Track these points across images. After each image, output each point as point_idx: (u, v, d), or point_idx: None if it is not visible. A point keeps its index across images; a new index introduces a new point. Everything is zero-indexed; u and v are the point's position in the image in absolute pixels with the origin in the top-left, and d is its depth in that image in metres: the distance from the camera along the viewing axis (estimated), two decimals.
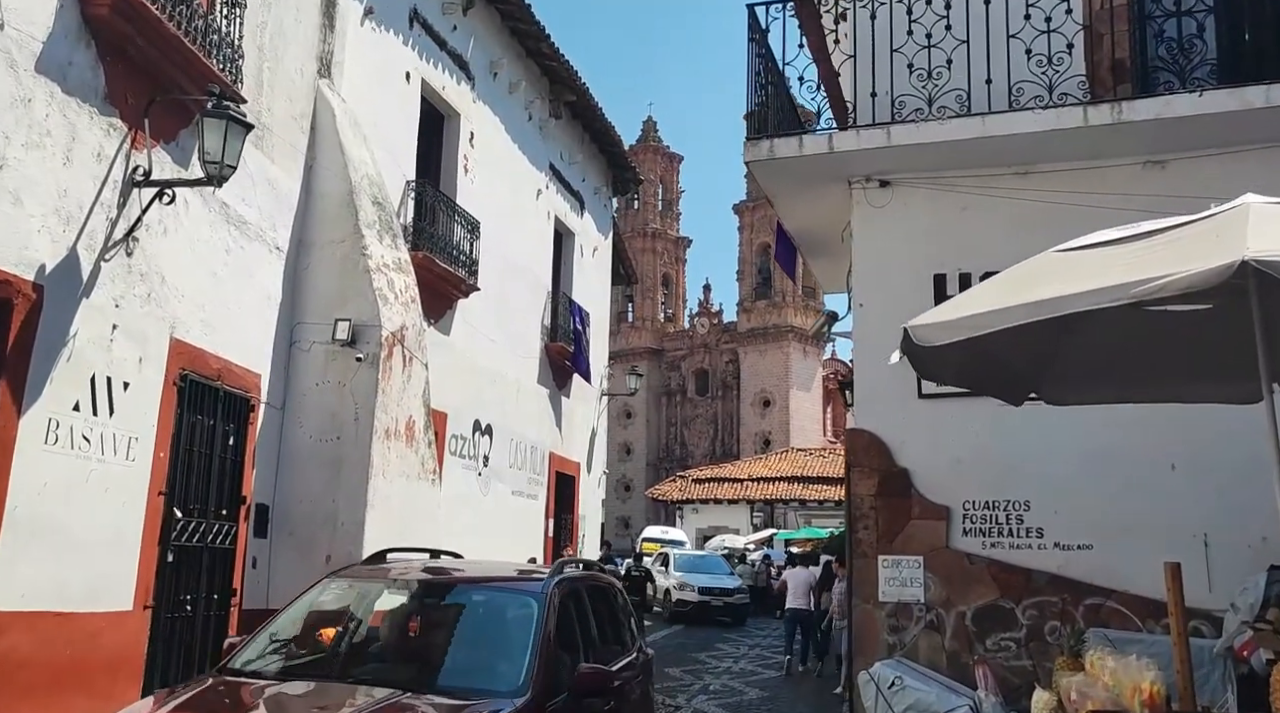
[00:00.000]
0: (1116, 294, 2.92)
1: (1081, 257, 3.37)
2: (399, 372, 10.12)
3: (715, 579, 24.39)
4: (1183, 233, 3.25)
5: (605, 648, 6.29)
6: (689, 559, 26.54)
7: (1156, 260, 2.99)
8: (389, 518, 9.82)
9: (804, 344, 75.12)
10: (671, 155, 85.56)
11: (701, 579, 24.06)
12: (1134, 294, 2.87)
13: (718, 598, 23.65)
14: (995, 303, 3.26)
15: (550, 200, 18.06)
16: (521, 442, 16.64)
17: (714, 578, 24.52)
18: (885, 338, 8.06)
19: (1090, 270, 3.15)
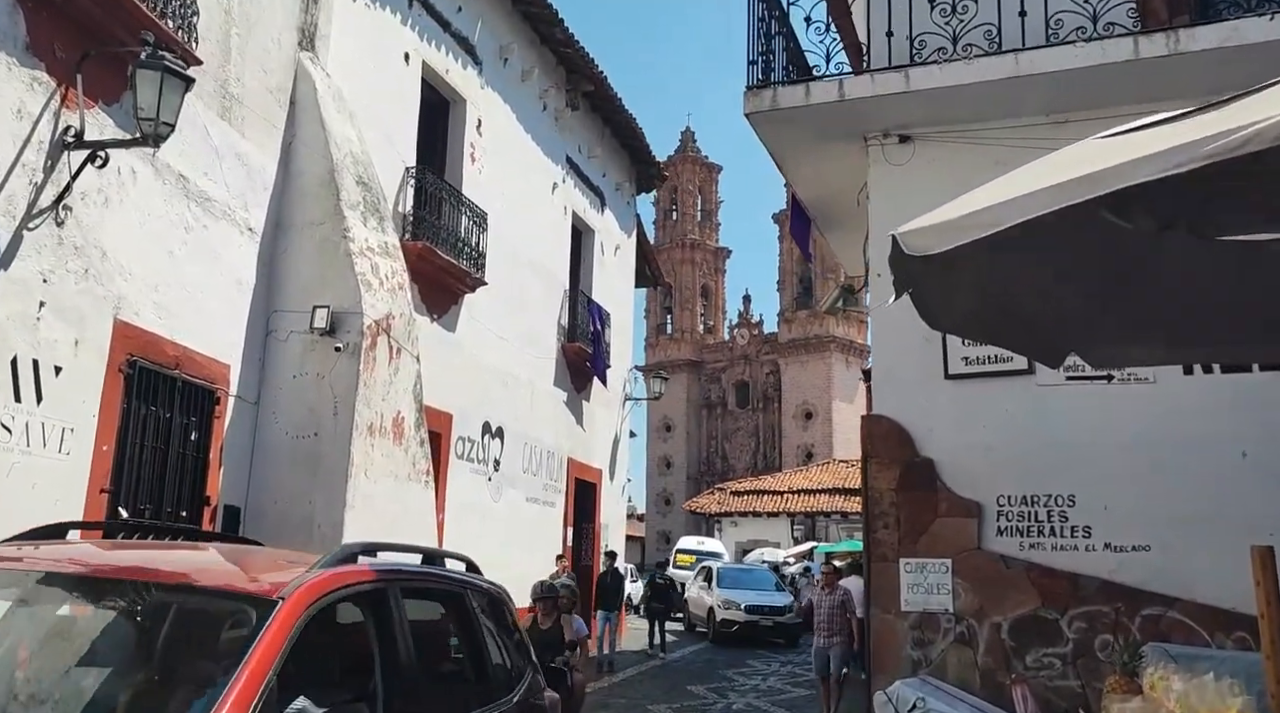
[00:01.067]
0: (1183, 157, 2.04)
1: (1134, 138, 2.50)
2: (384, 363, 9.38)
3: (764, 596, 21.91)
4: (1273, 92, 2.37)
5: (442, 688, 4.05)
6: (733, 574, 23.60)
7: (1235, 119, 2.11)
8: (373, 521, 9.05)
9: (846, 355, 73.85)
10: (710, 165, 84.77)
11: (749, 597, 21.57)
12: (1208, 152, 2.00)
13: (767, 617, 21.15)
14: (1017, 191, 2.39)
15: (567, 195, 17.32)
16: (537, 446, 15.86)
17: (762, 595, 22.01)
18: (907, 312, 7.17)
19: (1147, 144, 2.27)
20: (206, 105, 8.09)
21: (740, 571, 24.70)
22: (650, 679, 15.00)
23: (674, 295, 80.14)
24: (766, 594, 22.06)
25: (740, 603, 21.28)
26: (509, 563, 14.63)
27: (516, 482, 15.09)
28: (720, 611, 21.50)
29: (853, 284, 7.49)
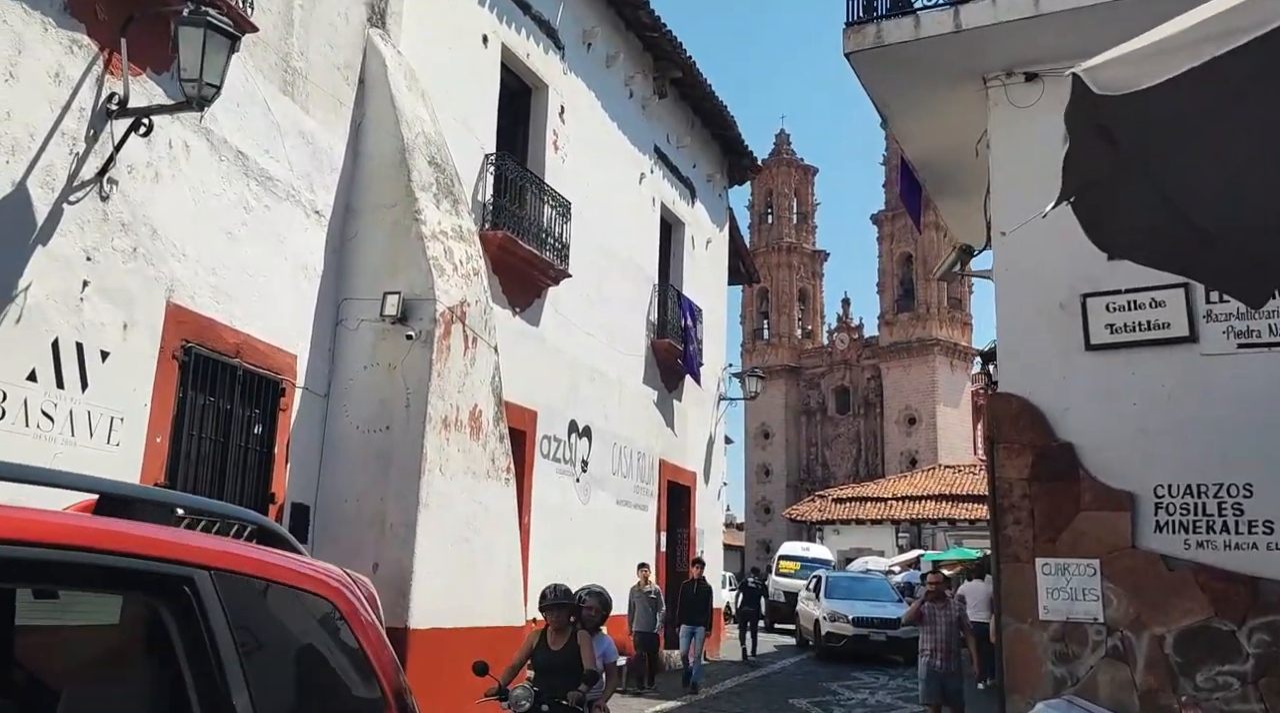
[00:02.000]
0: None
1: None
2: (459, 353, 8.83)
3: (876, 607, 19.41)
4: None
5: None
6: (844, 583, 21.26)
7: None
8: (449, 519, 8.50)
9: (951, 358, 71.53)
10: (805, 167, 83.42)
11: (857, 608, 19.26)
12: None
13: (879, 630, 18.71)
14: None
15: (656, 186, 16.65)
16: (627, 447, 15.19)
17: (875, 606, 19.51)
18: (1035, 274, 6.30)
19: None
20: (266, 79, 7.67)
21: (852, 579, 22.21)
22: (749, 692, 14.14)
23: (770, 300, 78.95)
24: (879, 606, 19.59)
25: (848, 615, 19.06)
26: (599, 569, 13.98)
27: (606, 484, 14.45)
28: (826, 623, 19.34)
29: (971, 246, 6.60)
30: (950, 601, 9.50)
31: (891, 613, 18.79)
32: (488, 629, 9.00)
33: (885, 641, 18.61)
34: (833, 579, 21.34)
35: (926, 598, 9.41)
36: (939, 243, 72.80)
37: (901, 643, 17.90)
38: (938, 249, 72.95)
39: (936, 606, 9.20)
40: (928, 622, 9.14)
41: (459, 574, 8.59)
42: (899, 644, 18.07)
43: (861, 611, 19.21)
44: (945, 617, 9.16)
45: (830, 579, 21.24)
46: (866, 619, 18.93)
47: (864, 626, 18.87)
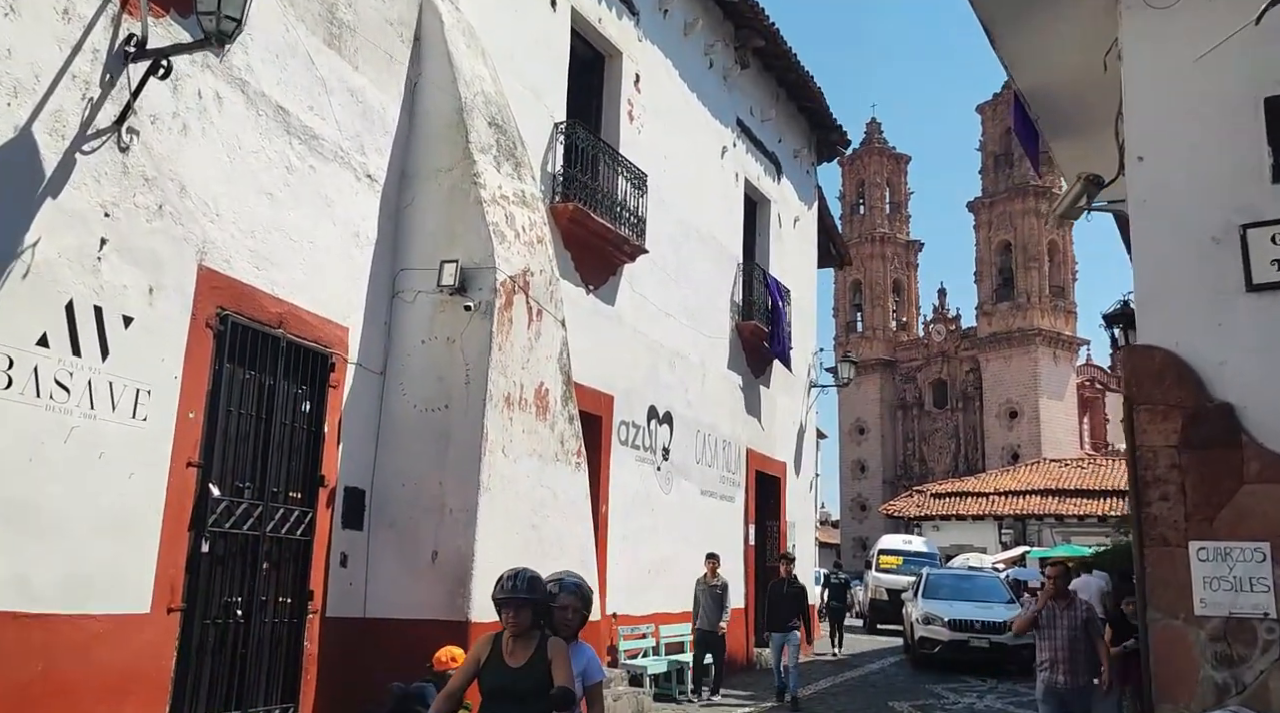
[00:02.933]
0: None
1: None
2: (522, 326, 8.20)
3: (980, 609, 16.58)
4: None
5: None
6: (948, 581, 18.39)
7: None
8: (512, 506, 7.88)
9: (1054, 349, 68.82)
10: (898, 157, 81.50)
11: (956, 608, 16.54)
12: None
13: (980, 635, 15.92)
14: None
15: (739, 161, 15.84)
16: (711, 434, 14.43)
17: (979, 607, 16.68)
18: (1181, 204, 5.34)
19: None
20: (310, 30, 7.14)
21: (958, 577, 19.27)
22: (845, 694, 13.24)
23: (863, 292, 77.18)
24: (985, 607, 16.66)
25: (942, 617, 16.32)
26: (685, 563, 13.28)
27: (689, 472, 13.72)
28: (918, 626, 16.75)
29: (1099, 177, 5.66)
30: (1076, 599, 7.37)
31: (999, 615, 16.16)
32: None
33: (988, 647, 15.73)
34: (934, 577, 18.61)
35: (1045, 595, 7.34)
36: (1039, 230, 70.17)
37: (1010, 651, 15.26)
38: (1037, 236, 70.32)
39: (1058, 605, 7.12)
40: (1046, 625, 7.07)
41: (525, 564, 7.94)
42: (1007, 652, 15.44)
43: (960, 612, 16.43)
44: (1069, 619, 7.05)
45: (931, 577, 18.55)
46: (965, 622, 16.20)
47: (962, 629, 16.13)
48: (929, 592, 17.60)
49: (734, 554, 14.87)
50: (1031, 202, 69.76)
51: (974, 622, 16.15)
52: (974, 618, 16.22)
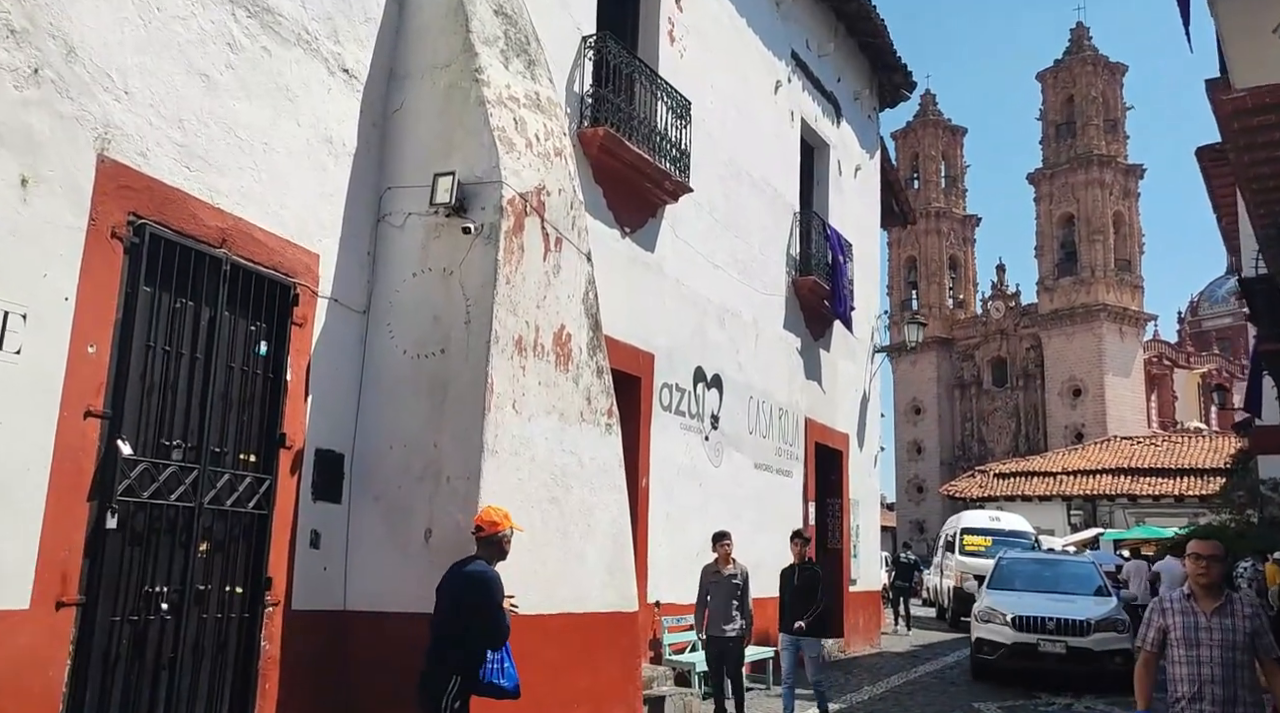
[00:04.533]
0: None
1: None
2: (536, 255, 6.71)
3: (1059, 603, 12.67)
4: None
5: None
6: (1024, 567, 14.41)
7: None
8: (525, 473, 6.41)
9: (1119, 324, 66.14)
10: (954, 129, 78.99)
11: (1025, 602, 12.62)
12: None
13: (1053, 638, 11.99)
14: None
15: (794, 99, 14.18)
16: (765, 402, 12.86)
17: (1058, 601, 12.76)
18: None
19: None
20: None
21: (1040, 563, 15.05)
22: (923, 692, 11.63)
23: (919, 268, 74.95)
24: (1066, 601, 12.74)
25: (1005, 613, 12.39)
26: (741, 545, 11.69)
27: (741, 444, 12.17)
28: (976, 626, 12.92)
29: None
30: (1237, 597, 4.73)
31: (1082, 611, 12.31)
32: (585, 616, 6.90)
33: (1065, 654, 11.87)
34: (1008, 562, 14.61)
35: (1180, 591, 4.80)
36: (1104, 200, 67.30)
37: (1096, 658, 11.75)
38: (1101, 207, 67.36)
39: (1202, 605, 4.62)
40: (1183, 638, 4.62)
41: (543, 543, 6.50)
42: (1091, 660, 11.78)
43: (1030, 606, 12.47)
44: (1220, 629, 4.55)
45: (1004, 562, 14.60)
46: (1035, 620, 12.16)
47: (1030, 629, 12.11)
48: (998, 581, 13.88)
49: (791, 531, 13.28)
50: (1096, 171, 67.00)
51: (1046, 620, 12.12)
52: (1047, 614, 12.18)
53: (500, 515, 5.13)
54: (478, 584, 4.86)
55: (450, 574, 5.02)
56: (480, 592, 4.84)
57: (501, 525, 5.09)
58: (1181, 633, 4.61)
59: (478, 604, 4.85)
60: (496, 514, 5.14)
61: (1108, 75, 69.29)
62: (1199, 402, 71.88)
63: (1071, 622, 12.04)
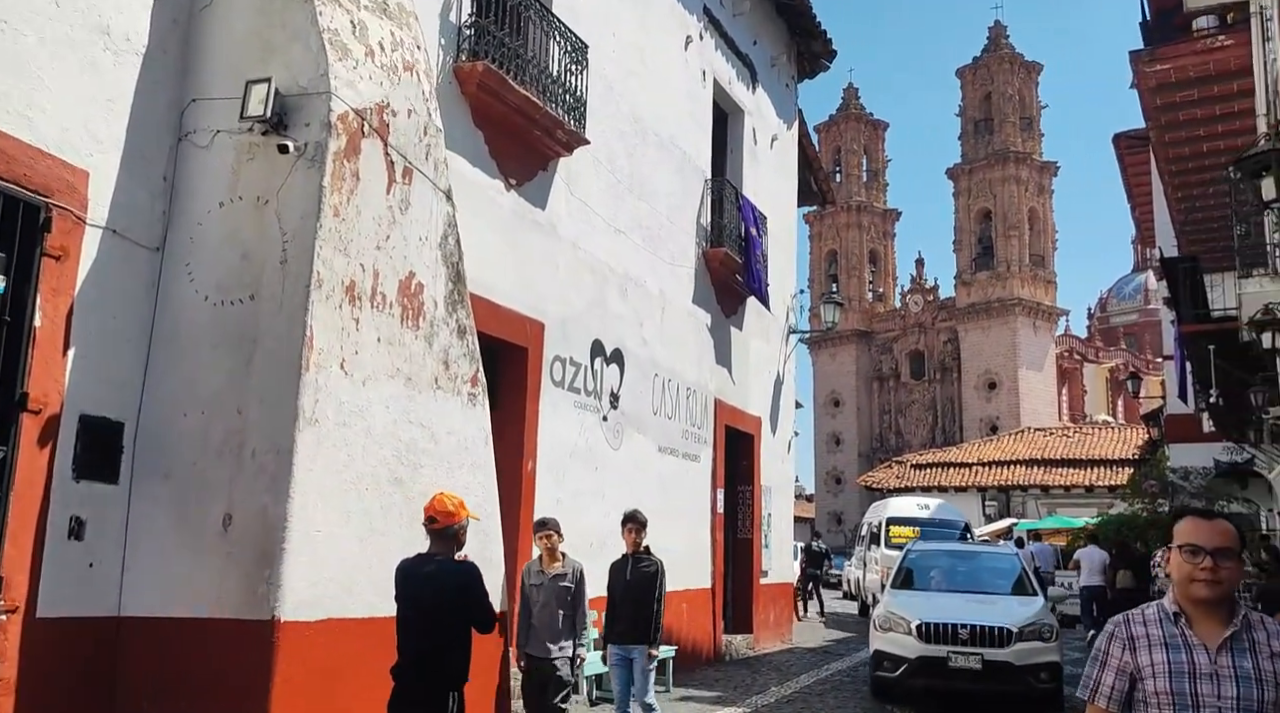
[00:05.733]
0: None
1: None
2: (377, 186, 5.56)
3: (977, 605, 10.26)
4: None
5: None
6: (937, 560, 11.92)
7: None
8: (358, 449, 5.27)
9: (1033, 318, 67.27)
10: (875, 123, 79.48)
11: (935, 606, 10.21)
12: None
13: (968, 650, 9.55)
14: None
15: (706, 58, 13.19)
16: (672, 380, 11.87)
17: (975, 603, 10.36)
18: None
19: None
20: None
21: (955, 555, 12.52)
22: (833, 692, 10.76)
23: (839, 262, 75.26)
24: (985, 604, 10.30)
25: (909, 619, 9.89)
26: None
27: (645, 425, 11.15)
28: (877, 636, 10.28)
29: None
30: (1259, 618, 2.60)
31: (1006, 617, 9.85)
32: None
33: (980, 669, 9.45)
34: (917, 556, 11.99)
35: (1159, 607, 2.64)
36: (1020, 197, 68.23)
37: (1017, 673, 9.43)
38: (1017, 203, 68.26)
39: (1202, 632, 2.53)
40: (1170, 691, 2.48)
41: (382, 533, 5.38)
42: (1012, 675, 9.44)
43: (940, 611, 9.97)
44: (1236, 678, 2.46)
45: (913, 556, 11.98)
46: (944, 629, 9.65)
47: (939, 640, 9.64)
48: (904, 578, 11.37)
49: (699, 524, 12.37)
50: (1012, 168, 67.94)
51: (959, 628, 9.61)
52: (959, 621, 9.69)
53: (455, 504, 4.62)
54: (472, 581, 4.50)
55: (420, 577, 4.45)
56: (475, 588, 4.50)
57: (458, 516, 4.56)
58: (1167, 682, 2.53)
59: (473, 601, 4.51)
60: (451, 503, 4.62)
61: (1024, 74, 70.28)
62: (1107, 395, 73.55)
63: (989, 630, 9.59)
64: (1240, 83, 13.54)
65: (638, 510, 7.22)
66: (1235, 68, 13.25)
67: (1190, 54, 13.27)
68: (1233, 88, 13.57)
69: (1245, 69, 13.27)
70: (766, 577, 14.34)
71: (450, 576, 4.44)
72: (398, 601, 4.47)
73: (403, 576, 4.49)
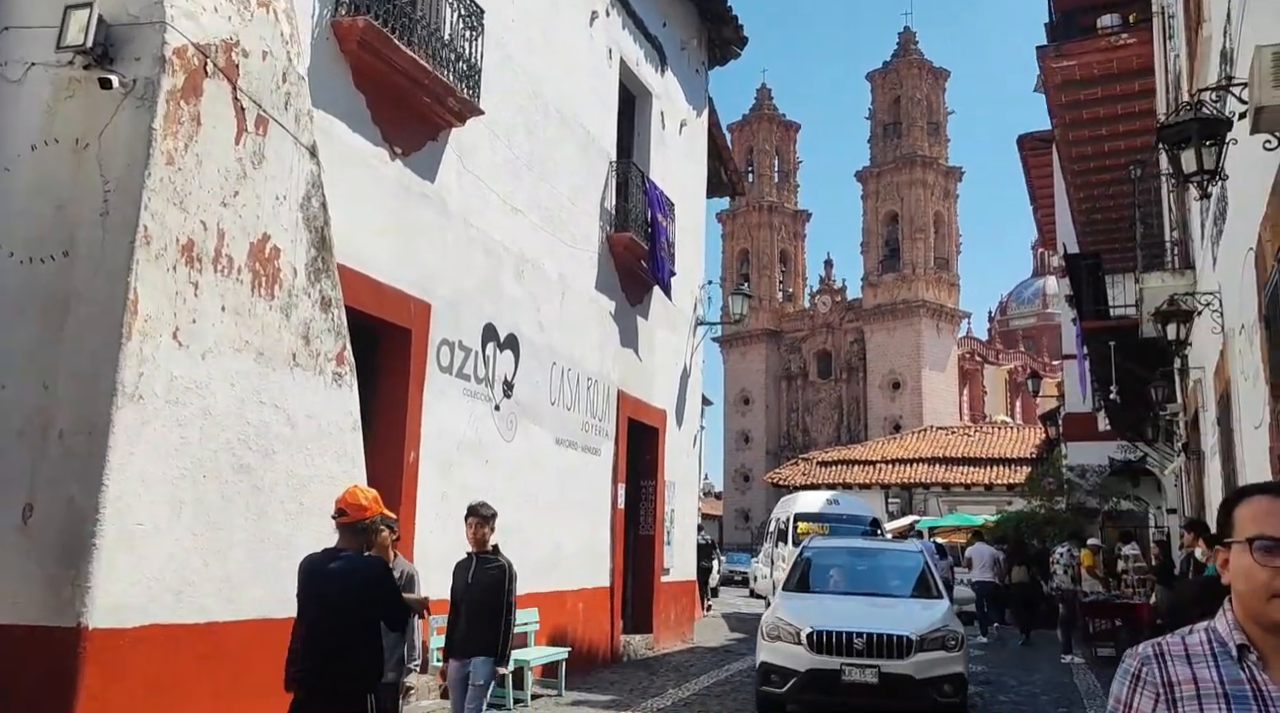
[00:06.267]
0: None
1: None
2: (223, 132, 4.91)
3: (875, 610, 9.14)
4: None
5: None
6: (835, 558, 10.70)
7: None
8: (197, 430, 4.61)
9: (937, 320, 68.69)
10: (788, 124, 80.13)
11: (828, 611, 9.04)
12: None
13: (863, 663, 8.40)
14: None
15: (613, 35, 12.70)
16: (572, 370, 11.34)
17: (874, 607, 9.26)
18: None
19: None
20: None
21: (854, 553, 11.08)
22: (732, 693, 10.37)
23: (750, 261, 75.68)
24: (884, 608, 9.22)
25: (799, 627, 8.65)
26: (533, 533, 10.18)
27: (541, 416, 10.59)
28: (764, 646, 8.92)
29: None
30: None
31: (907, 623, 8.65)
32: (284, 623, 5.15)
33: (877, 683, 8.37)
34: (810, 554, 10.75)
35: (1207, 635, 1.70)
36: (926, 200, 69.45)
37: (917, 688, 8.37)
38: (924, 206, 69.51)
39: None
40: None
41: (224, 526, 4.73)
42: (912, 689, 8.38)
43: (833, 617, 8.78)
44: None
45: (806, 554, 10.77)
46: (838, 638, 8.45)
47: (832, 650, 8.43)
48: (797, 580, 10.16)
49: (599, 520, 11.88)
50: (919, 172, 69.12)
51: (854, 636, 8.41)
52: (854, 628, 8.48)
53: (369, 499, 4.41)
54: (381, 575, 4.33)
55: (324, 573, 4.20)
56: (384, 582, 4.34)
57: (369, 511, 4.35)
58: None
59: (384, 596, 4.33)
60: (364, 497, 4.42)
61: (931, 79, 71.64)
62: (1006, 396, 75.59)
63: (887, 638, 8.41)
64: (1141, 82, 13.70)
65: (484, 503, 6.27)
66: (1137, 66, 13.38)
67: (1095, 51, 13.34)
68: (1134, 87, 13.73)
69: (1147, 68, 13.40)
70: (668, 574, 13.93)
71: (358, 571, 4.23)
72: (300, 599, 4.23)
73: (306, 572, 4.27)
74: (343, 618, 4.18)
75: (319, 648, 4.14)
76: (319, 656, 4.13)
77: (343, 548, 4.30)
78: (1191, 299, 7.59)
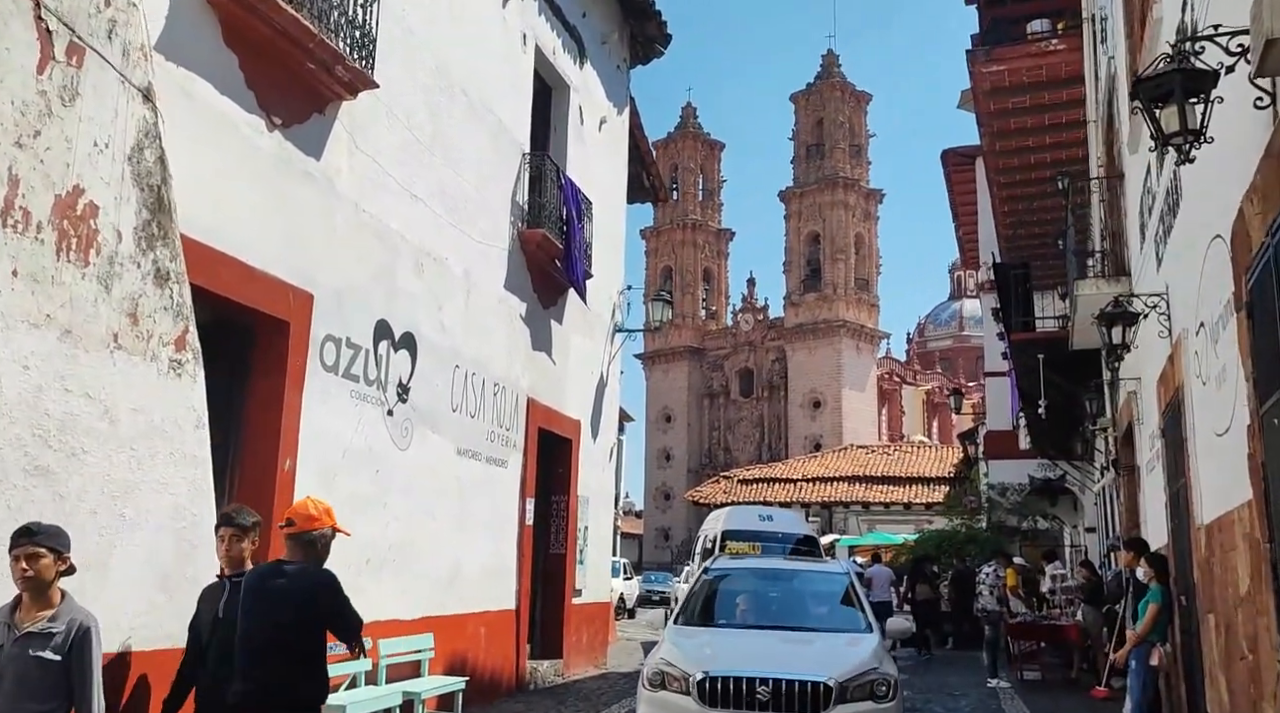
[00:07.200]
0: None
1: None
2: (20, 59, 3.98)
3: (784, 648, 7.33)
4: None
5: None
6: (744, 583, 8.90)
7: None
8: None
9: (857, 340, 69.33)
10: (712, 143, 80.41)
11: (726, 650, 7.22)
12: None
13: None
14: None
15: (528, 21, 11.91)
16: (477, 374, 10.44)
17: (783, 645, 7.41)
18: None
19: None
20: None
21: (764, 576, 9.14)
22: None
23: (674, 278, 75.49)
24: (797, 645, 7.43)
25: (690, 673, 6.68)
26: (429, 551, 9.26)
27: (440, 423, 9.67)
28: (646, 696, 6.88)
29: None
30: None
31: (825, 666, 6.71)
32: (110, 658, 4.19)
33: None
34: (712, 577, 8.87)
35: None
36: (847, 221, 70.13)
37: None
38: (846, 227, 70.16)
39: None
40: None
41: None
42: None
43: (731, 659, 6.93)
44: None
45: (708, 577, 8.87)
46: (736, 686, 6.53)
47: (729, 703, 6.52)
48: (700, 609, 8.33)
49: (505, 538, 10.97)
50: (841, 193, 69.78)
51: (756, 684, 6.53)
52: (758, 674, 6.61)
53: (320, 510, 4.27)
54: (329, 589, 4.14)
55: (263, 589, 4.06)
56: (334, 597, 4.15)
57: (319, 522, 4.19)
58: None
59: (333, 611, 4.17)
60: (315, 508, 4.27)
61: (854, 103, 72.50)
62: (923, 416, 76.54)
63: (799, 686, 6.51)
64: (1069, 91, 13.45)
65: (241, 508, 4.90)
66: (1066, 74, 13.11)
67: (1025, 56, 13.03)
68: (1062, 95, 13.47)
69: (1076, 75, 13.14)
70: (580, 596, 13.06)
71: (304, 587, 4.05)
72: (238, 615, 4.09)
73: (245, 587, 4.12)
74: (284, 637, 4.01)
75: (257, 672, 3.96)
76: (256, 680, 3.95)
77: (288, 561, 4.16)
78: (1137, 301, 7.09)
